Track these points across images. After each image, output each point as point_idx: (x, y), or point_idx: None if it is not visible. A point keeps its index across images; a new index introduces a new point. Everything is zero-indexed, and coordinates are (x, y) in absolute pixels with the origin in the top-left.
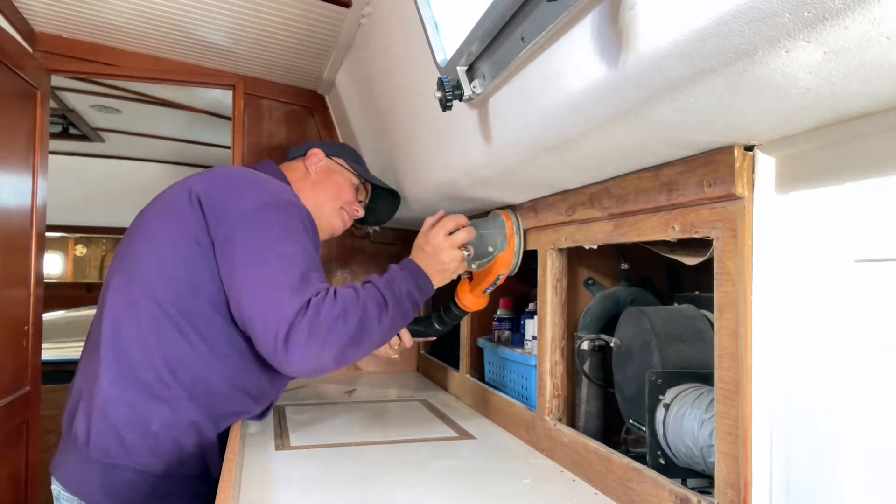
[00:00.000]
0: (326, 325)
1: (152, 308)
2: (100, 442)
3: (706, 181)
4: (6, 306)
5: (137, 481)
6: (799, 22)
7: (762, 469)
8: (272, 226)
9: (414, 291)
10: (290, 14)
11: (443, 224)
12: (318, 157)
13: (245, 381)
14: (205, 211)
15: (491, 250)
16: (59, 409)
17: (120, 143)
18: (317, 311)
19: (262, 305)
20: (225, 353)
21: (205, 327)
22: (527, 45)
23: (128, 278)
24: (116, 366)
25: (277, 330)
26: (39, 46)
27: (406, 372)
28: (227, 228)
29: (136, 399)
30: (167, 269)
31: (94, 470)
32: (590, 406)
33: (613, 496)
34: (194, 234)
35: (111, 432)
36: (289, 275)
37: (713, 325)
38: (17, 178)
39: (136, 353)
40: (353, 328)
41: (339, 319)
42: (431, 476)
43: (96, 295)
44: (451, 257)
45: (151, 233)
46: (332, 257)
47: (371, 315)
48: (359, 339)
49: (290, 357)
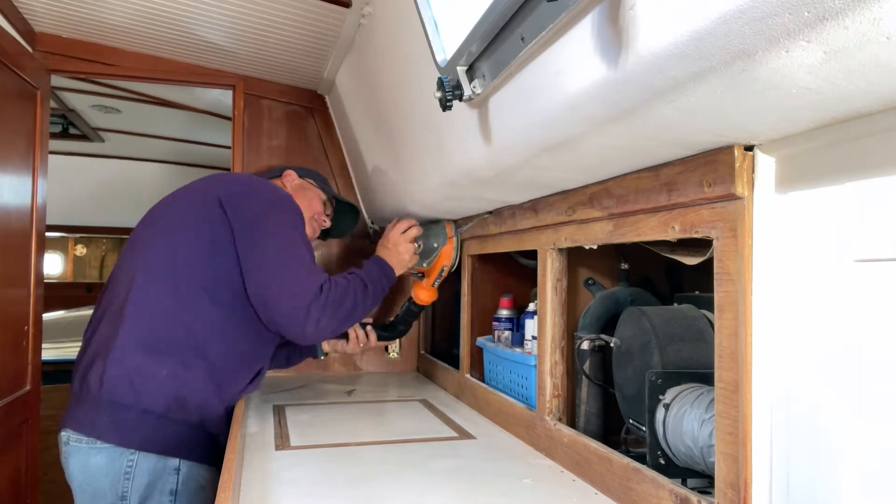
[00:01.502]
0: (334, 303)
1: (179, 280)
2: (111, 385)
3: (706, 181)
4: (6, 306)
5: (142, 420)
6: (799, 22)
7: (762, 469)
8: (283, 218)
9: (383, 278)
10: (290, 14)
11: (398, 225)
12: (293, 178)
13: (246, 351)
14: (224, 207)
15: (435, 246)
16: (59, 409)
17: (120, 143)
18: (328, 293)
19: (288, 285)
20: (233, 322)
21: (220, 300)
22: (527, 45)
23: (157, 256)
24: (137, 325)
25: (301, 304)
26: (39, 46)
27: (406, 372)
28: (246, 221)
29: (149, 351)
30: (194, 250)
31: (104, 410)
32: (590, 406)
33: (613, 496)
34: (217, 225)
35: (123, 376)
36: (304, 261)
37: (713, 325)
38: (17, 178)
39: (157, 316)
40: (349, 306)
41: (340, 299)
42: (431, 476)
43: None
44: (405, 249)
45: (176, 223)
46: (333, 257)
47: (359, 296)
48: (352, 314)
49: (307, 325)
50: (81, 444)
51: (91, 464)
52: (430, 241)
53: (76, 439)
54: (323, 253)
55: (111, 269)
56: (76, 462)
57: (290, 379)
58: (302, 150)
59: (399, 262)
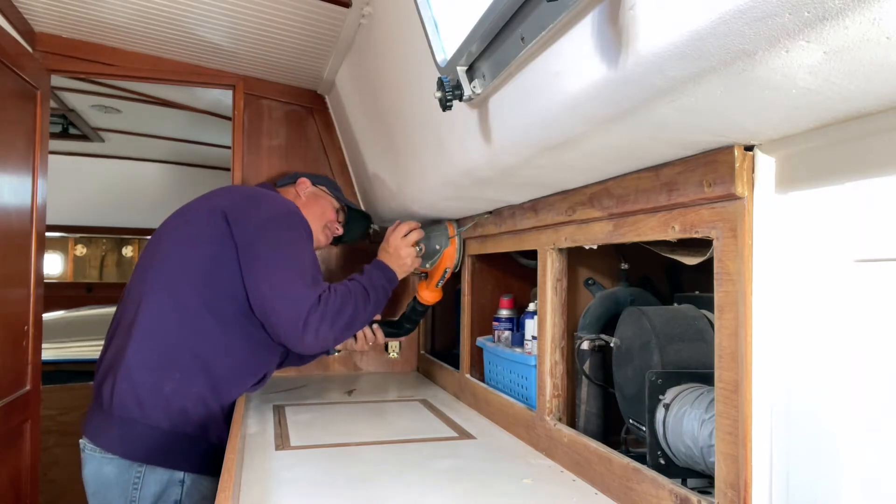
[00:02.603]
0: (332, 314)
1: (183, 297)
2: (120, 400)
3: (706, 181)
4: (6, 306)
5: (148, 434)
6: (799, 22)
7: (762, 469)
8: (285, 233)
9: (385, 283)
10: (290, 14)
11: (399, 229)
12: (306, 185)
13: (250, 362)
14: (229, 222)
15: (437, 248)
16: (59, 409)
17: (120, 143)
18: (326, 303)
19: (285, 296)
20: (237, 337)
21: (223, 316)
22: (527, 45)
23: (163, 273)
24: (144, 342)
25: (299, 315)
26: (39, 46)
27: (406, 372)
28: (249, 235)
29: (154, 367)
30: (198, 267)
31: (114, 424)
32: (590, 406)
33: (613, 496)
34: (221, 240)
35: (131, 392)
36: (304, 273)
37: (713, 325)
38: (17, 178)
39: (162, 335)
40: (349, 315)
41: (340, 309)
42: (431, 476)
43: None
44: (407, 253)
45: (183, 238)
46: (335, 257)
47: (360, 304)
48: (353, 323)
49: (306, 336)
50: (95, 454)
51: (103, 473)
52: (431, 242)
53: (91, 448)
54: (322, 254)
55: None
56: (91, 469)
57: (290, 379)
58: (302, 150)
59: (401, 266)
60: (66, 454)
